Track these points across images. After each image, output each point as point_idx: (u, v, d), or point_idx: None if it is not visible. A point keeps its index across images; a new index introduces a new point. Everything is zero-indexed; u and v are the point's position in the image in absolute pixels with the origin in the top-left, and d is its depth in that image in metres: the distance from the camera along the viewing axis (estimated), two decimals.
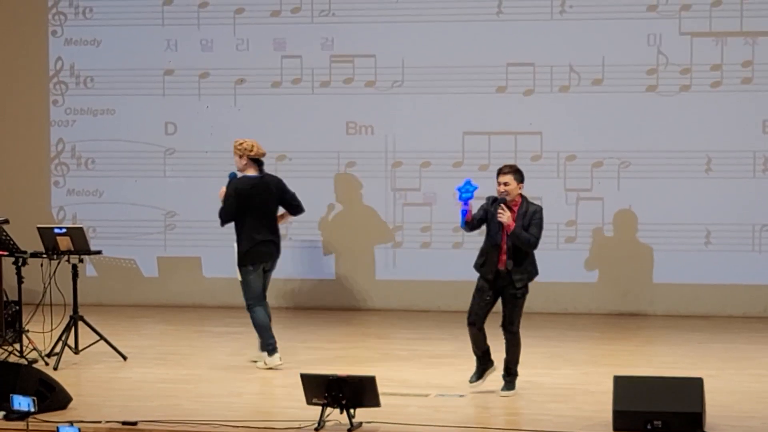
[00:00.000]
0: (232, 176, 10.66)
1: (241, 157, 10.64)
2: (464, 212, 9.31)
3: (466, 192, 9.32)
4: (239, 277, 10.51)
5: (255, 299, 10.51)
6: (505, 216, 9.25)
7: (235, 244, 10.49)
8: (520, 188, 9.34)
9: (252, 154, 10.61)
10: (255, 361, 10.63)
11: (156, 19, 13.44)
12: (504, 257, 9.32)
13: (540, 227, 9.34)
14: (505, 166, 9.39)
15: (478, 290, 9.43)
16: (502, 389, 9.49)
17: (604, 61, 12.70)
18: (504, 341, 9.46)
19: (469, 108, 12.93)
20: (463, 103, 12.94)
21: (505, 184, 9.30)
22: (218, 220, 10.62)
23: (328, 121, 13.18)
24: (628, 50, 12.63)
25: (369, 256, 13.17)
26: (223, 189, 10.60)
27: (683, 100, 12.63)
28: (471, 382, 9.56)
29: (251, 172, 10.61)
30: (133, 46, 13.47)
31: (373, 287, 13.18)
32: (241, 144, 10.66)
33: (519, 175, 9.33)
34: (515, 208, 9.34)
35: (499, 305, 9.46)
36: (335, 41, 13.14)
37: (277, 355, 10.50)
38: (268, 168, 13.67)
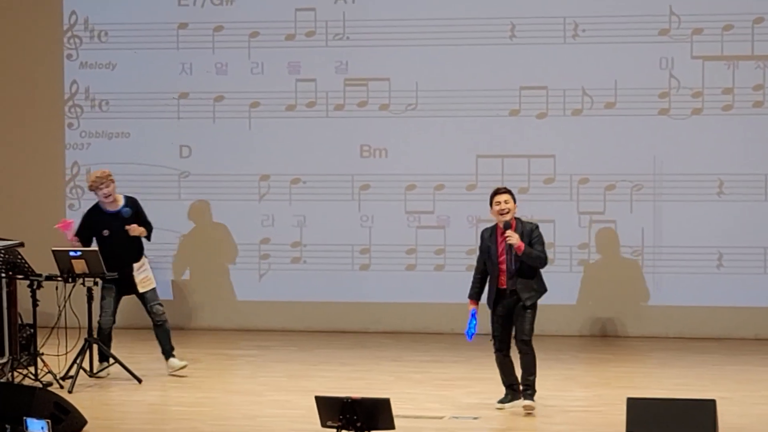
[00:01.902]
0: (127, 213, 11.06)
1: (109, 186, 11.03)
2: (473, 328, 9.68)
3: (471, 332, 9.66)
4: (153, 285, 11.15)
5: None
6: (514, 238, 9.47)
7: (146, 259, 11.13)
8: (515, 209, 9.64)
9: (112, 178, 11.14)
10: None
11: (171, 42, 13.51)
12: (504, 278, 9.55)
13: (543, 243, 9.68)
14: (500, 187, 9.78)
15: (496, 317, 9.62)
16: (525, 399, 9.58)
17: (617, 85, 12.73)
18: (519, 358, 9.61)
19: (483, 131, 12.97)
20: (477, 126, 12.98)
21: (505, 202, 9.60)
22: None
23: (342, 144, 13.23)
24: (641, 74, 12.66)
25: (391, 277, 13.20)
26: (136, 227, 11.04)
27: (695, 124, 12.65)
28: (499, 402, 9.69)
29: (120, 195, 11.18)
30: (148, 69, 13.53)
31: (387, 310, 13.20)
32: (102, 174, 11.06)
33: (514, 196, 9.69)
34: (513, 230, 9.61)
35: None
36: (349, 65, 13.20)
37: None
38: (284, 192, 13.72)
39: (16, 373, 10.69)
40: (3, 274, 10.88)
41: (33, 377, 10.68)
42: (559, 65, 12.80)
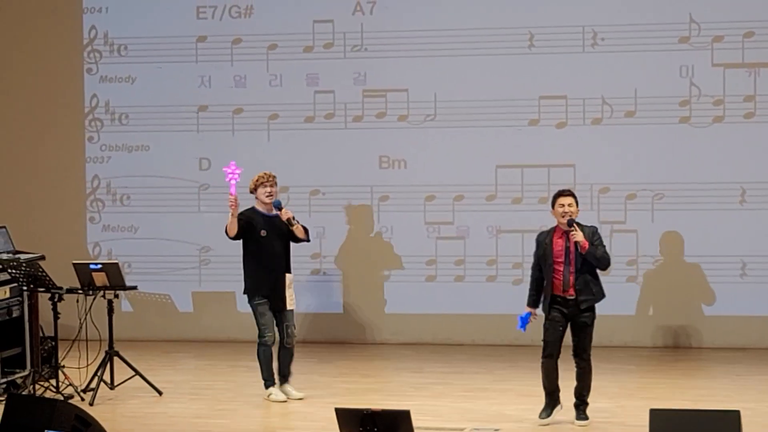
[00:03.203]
0: (278, 204, 10.92)
1: (274, 186, 10.94)
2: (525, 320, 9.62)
3: (523, 321, 9.61)
4: (294, 304, 10.86)
5: None
6: (579, 235, 9.47)
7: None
8: (578, 213, 9.62)
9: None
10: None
11: (190, 55, 13.53)
12: (559, 281, 9.51)
13: (604, 245, 9.64)
14: (564, 189, 9.74)
15: (550, 321, 9.57)
16: (578, 419, 9.57)
17: (637, 93, 12.69)
18: (575, 371, 9.61)
19: (502, 141, 12.95)
20: (496, 136, 12.95)
21: (569, 205, 9.59)
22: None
23: (361, 156, 13.22)
24: (661, 82, 12.62)
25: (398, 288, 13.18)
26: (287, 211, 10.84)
27: (716, 132, 12.60)
28: (541, 418, 9.64)
29: None
30: (168, 82, 13.56)
31: (407, 321, 13.17)
32: (270, 173, 10.93)
33: (577, 200, 9.66)
34: None
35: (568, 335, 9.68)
36: (367, 76, 13.19)
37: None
38: (303, 203, 13.72)
39: (37, 386, 10.71)
40: (24, 287, 10.92)
41: (54, 390, 10.70)
42: (578, 74, 12.77)
